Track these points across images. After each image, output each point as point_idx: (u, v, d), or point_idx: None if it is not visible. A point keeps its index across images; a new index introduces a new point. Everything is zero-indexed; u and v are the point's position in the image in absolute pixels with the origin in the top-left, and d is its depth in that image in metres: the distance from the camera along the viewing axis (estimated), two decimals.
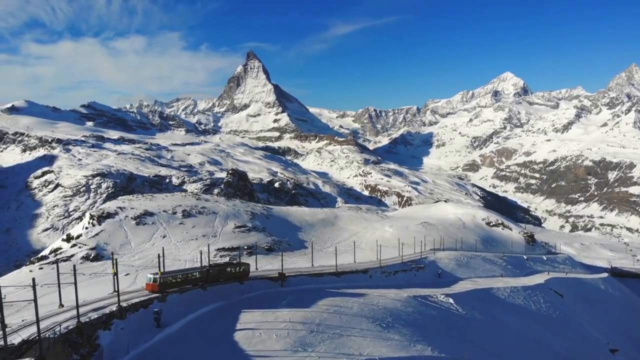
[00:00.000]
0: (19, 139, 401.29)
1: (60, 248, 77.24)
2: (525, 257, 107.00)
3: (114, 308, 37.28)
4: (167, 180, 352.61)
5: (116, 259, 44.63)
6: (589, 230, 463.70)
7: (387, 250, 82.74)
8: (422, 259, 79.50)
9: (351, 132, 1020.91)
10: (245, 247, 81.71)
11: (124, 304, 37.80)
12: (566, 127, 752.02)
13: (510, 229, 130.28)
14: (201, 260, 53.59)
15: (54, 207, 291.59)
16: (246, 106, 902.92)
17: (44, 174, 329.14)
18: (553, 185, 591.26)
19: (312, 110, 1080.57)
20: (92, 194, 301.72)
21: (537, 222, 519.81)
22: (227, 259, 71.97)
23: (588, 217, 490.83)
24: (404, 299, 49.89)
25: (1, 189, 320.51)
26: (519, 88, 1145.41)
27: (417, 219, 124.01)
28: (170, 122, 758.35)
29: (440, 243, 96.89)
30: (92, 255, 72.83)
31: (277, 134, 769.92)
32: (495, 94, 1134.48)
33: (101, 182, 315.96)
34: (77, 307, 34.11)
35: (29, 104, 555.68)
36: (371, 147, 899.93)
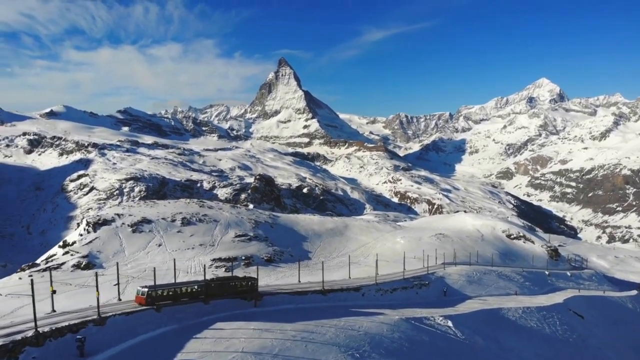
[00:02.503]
0: (57, 142, 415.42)
1: (55, 255, 76.11)
2: (546, 272, 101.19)
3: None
4: (199, 185, 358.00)
5: (96, 272, 42.95)
6: (627, 241, 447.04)
7: (394, 264, 78.34)
8: (428, 275, 74.27)
9: (381, 138, 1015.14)
10: (243, 258, 78.81)
11: (52, 327, 33.04)
12: (604, 135, 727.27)
13: (533, 242, 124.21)
14: (204, 271, 50.50)
15: (88, 209, 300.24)
16: (277, 112, 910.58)
17: (79, 177, 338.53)
18: (590, 195, 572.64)
19: (342, 116, 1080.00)
20: (125, 198, 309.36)
21: (573, 232, 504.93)
22: (222, 270, 69.49)
23: (626, 227, 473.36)
24: (393, 321, 45.23)
25: (38, 192, 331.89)
26: (554, 94, 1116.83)
27: (432, 230, 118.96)
28: (204, 128, 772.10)
29: (454, 256, 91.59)
30: (84, 263, 70.92)
31: (306, 139, 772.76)
32: (530, 100, 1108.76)
33: (134, 186, 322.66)
34: None
35: (67, 109, 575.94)
36: (402, 153, 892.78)
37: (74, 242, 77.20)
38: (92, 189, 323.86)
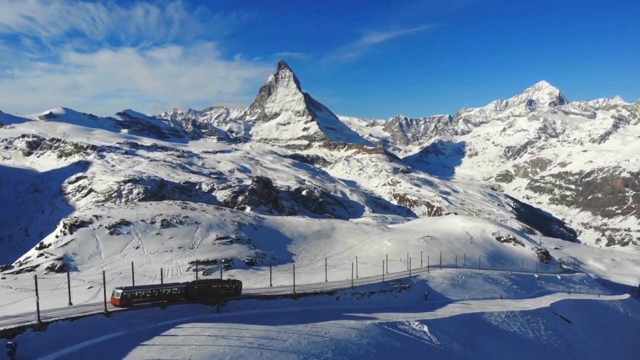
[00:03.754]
0: (56, 144, 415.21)
1: (30, 257, 74.78)
2: (536, 275, 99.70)
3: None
4: (197, 187, 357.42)
5: (68, 272, 42.52)
6: (626, 244, 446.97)
7: (378, 267, 75.55)
8: (410, 278, 71.67)
9: (381, 140, 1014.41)
10: (223, 261, 76.61)
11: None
12: (603, 138, 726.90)
13: (523, 244, 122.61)
14: (187, 274, 49.75)
15: (86, 212, 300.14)
16: (276, 115, 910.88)
17: (77, 179, 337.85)
18: (589, 197, 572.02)
19: (341, 118, 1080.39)
20: (123, 200, 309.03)
21: (572, 234, 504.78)
22: (200, 273, 66.98)
23: (625, 230, 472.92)
24: (364, 327, 43.07)
25: (37, 193, 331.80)
26: (554, 97, 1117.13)
27: (420, 233, 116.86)
28: (203, 130, 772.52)
29: (440, 259, 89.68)
30: (58, 265, 69.60)
31: (306, 142, 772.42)
32: (530, 103, 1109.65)
33: (132, 188, 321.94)
34: None
35: (67, 111, 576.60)
36: (401, 156, 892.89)
37: (49, 244, 76.06)
38: (91, 191, 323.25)
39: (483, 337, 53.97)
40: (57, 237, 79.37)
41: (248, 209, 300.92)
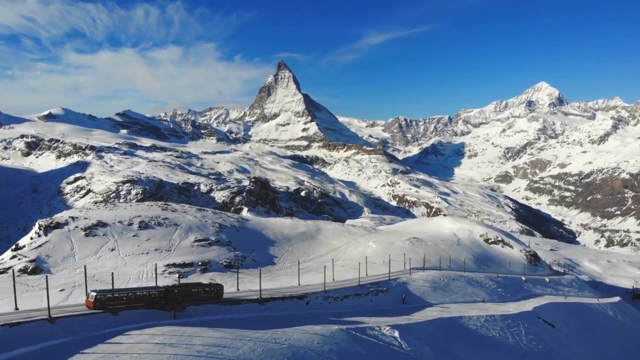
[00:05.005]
0: (54, 145, 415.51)
1: (3, 259, 73.49)
2: (523, 278, 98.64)
3: None
4: (196, 188, 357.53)
5: (14, 276, 41.12)
6: (625, 245, 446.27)
7: (362, 269, 73.05)
8: (389, 281, 69.48)
9: (380, 141, 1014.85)
10: (200, 263, 75.25)
11: None
12: (602, 139, 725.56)
13: (511, 246, 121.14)
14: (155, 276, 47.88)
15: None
16: (276, 115, 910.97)
17: (76, 179, 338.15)
18: (588, 198, 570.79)
19: (341, 119, 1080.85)
20: (121, 200, 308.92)
21: (572, 236, 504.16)
22: (175, 276, 65.83)
23: (624, 231, 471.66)
24: (330, 332, 41.35)
25: (35, 194, 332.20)
26: (554, 98, 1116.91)
27: (407, 234, 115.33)
28: (202, 131, 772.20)
29: (423, 261, 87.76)
30: (31, 267, 68.47)
31: (305, 142, 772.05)
32: (530, 104, 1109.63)
33: (131, 189, 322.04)
34: None
35: (66, 112, 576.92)
36: (401, 156, 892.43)
37: (24, 246, 75.19)
38: (89, 191, 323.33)
39: (459, 342, 52.76)
40: (31, 238, 78.37)
41: (245, 210, 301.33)
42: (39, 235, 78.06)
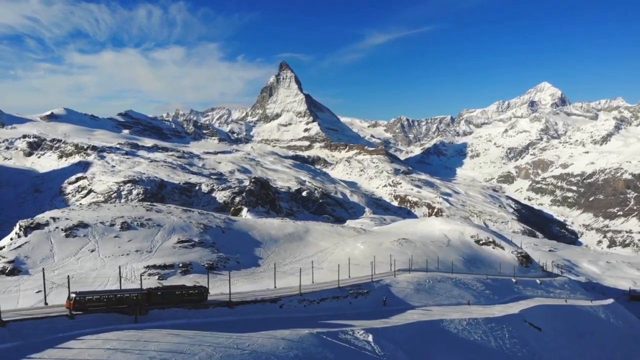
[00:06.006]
0: (56, 145, 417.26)
1: None
2: (513, 280, 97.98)
3: None
4: (197, 188, 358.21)
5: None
6: (628, 246, 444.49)
7: (348, 270, 72.89)
8: (371, 283, 67.77)
9: (382, 141, 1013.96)
10: (180, 265, 74.30)
11: None
12: (605, 139, 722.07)
13: (503, 247, 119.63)
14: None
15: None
16: (278, 115, 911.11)
17: (77, 179, 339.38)
18: (591, 199, 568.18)
19: (343, 119, 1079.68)
20: (122, 200, 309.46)
21: (574, 236, 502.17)
22: (155, 278, 65.80)
23: (627, 232, 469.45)
24: (298, 337, 39.84)
25: (37, 194, 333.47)
26: (556, 98, 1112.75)
27: (397, 235, 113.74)
28: (204, 131, 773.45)
29: (410, 263, 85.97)
30: (9, 268, 67.87)
31: (307, 143, 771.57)
32: (532, 104, 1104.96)
33: (132, 189, 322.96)
34: None
35: (68, 112, 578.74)
36: (403, 157, 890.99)
37: (3, 247, 74.61)
38: (90, 191, 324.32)
39: (437, 346, 51.57)
40: (11, 239, 77.81)
41: (245, 210, 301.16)
42: (19, 236, 77.49)
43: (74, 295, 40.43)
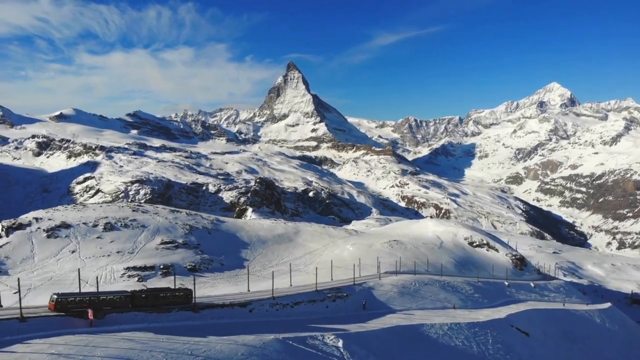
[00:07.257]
0: (65, 145, 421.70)
1: None
2: (506, 283, 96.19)
3: None
4: (204, 188, 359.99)
5: None
6: (637, 247, 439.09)
7: (335, 272, 71.00)
8: (352, 286, 65.54)
9: (390, 142, 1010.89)
10: (162, 267, 73.45)
11: None
12: (615, 140, 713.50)
13: (497, 250, 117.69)
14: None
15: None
16: (285, 116, 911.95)
17: (85, 179, 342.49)
18: (600, 200, 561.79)
19: (350, 120, 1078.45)
20: (130, 200, 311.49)
21: (583, 238, 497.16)
22: (134, 280, 65.12)
23: (636, 234, 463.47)
24: (262, 343, 38.29)
25: (45, 194, 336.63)
26: (565, 99, 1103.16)
27: (388, 237, 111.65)
28: (212, 132, 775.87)
29: (398, 265, 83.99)
30: None
31: (314, 143, 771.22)
32: (541, 104, 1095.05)
33: (139, 189, 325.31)
34: None
35: (77, 112, 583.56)
36: (410, 157, 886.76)
37: None
38: (98, 191, 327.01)
39: (415, 352, 49.97)
40: None
41: (250, 210, 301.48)
42: (1, 237, 77.55)
43: (55, 296, 40.26)
